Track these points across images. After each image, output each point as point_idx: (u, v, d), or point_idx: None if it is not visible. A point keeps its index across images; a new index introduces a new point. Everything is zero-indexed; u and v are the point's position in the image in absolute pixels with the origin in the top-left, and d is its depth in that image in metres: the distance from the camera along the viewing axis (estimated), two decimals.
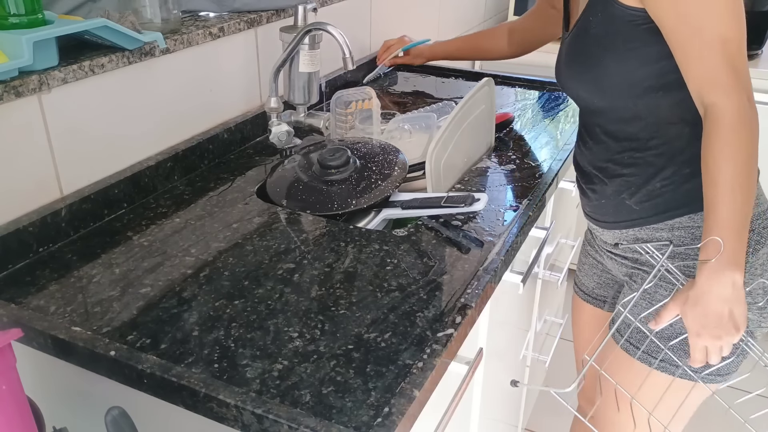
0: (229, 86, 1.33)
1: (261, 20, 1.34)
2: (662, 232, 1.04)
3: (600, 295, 1.27)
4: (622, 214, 1.08)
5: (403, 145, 1.31)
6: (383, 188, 1.13)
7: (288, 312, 0.84)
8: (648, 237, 1.06)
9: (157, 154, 1.17)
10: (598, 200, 1.11)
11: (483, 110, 1.30)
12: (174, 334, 0.80)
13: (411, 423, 0.71)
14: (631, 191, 1.05)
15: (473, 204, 1.05)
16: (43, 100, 0.96)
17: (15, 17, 0.90)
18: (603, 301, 1.27)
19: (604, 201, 1.10)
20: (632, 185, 1.05)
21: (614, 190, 1.07)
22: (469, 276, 0.92)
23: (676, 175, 1.00)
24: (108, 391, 0.81)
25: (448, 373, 0.84)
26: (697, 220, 1.01)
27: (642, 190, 1.04)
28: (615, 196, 1.07)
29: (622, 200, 1.06)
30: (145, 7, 1.11)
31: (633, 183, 1.04)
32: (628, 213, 1.07)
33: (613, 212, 1.09)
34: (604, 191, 1.09)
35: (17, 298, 0.87)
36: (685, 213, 1.01)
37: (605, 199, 1.09)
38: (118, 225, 1.05)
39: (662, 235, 1.04)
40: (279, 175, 1.20)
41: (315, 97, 1.36)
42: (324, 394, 0.71)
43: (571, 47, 1.03)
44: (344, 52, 1.21)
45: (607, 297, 1.26)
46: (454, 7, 2.29)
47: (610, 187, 1.07)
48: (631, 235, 1.08)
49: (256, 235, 1.02)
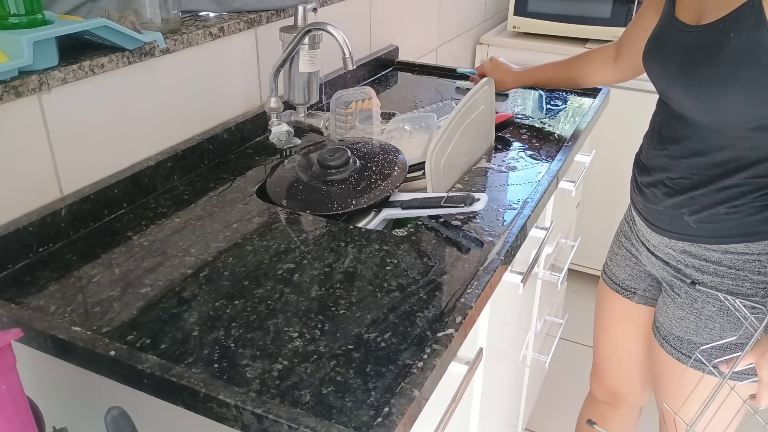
0: (229, 86, 1.33)
1: (261, 20, 1.34)
2: (714, 253, 1.03)
3: (630, 287, 1.26)
4: (677, 226, 1.07)
5: (403, 145, 1.31)
6: (383, 188, 1.13)
7: (288, 312, 0.84)
8: (698, 253, 1.05)
9: (157, 154, 1.17)
10: (655, 205, 1.09)
11: (483, 110, 1.30)
12: (174, 334, 0.80)
13: (411, 423, 0.71)
14: (693, 209, 1.03)
15: (473, 204, 1.05)
16: (43, 100, 0.96)
17: (15, 17, 0.90)
18: (633, 293, 1.26)
19: (662, 209, 1.08)
20: (696, 204, 1.03)
21: (676, 203, 1.05)
22: (469, 276, 0.92)
23: (746, 206, 0.99)
24: (108, 391, 0.81)
25: (448, 373, 0.84)
26: (753, 248, 1.00)
27: (705, 212, 1.02)
28: (675, 208, 1.06)
29: (681, 215, 1.05)
30: (145, 7, 1.11)
31: (698, 203, 1.02)
32: (684, 228, 1.05)
33: (668, 222, 1.08)
34: (666, 201, 1.07)
35: (17, 298, 0.87)
36: (742, 241, 1.01)
37: (664, 208, 1.08)
38: (118, 225, 1.05)
39: (713, 255, 1.04)
40: (279, 175, 1.20)
41: (315, 97, 1.36)
42: (324, 394, 0.71)
43: (697, 52, 0.96)
44: (344, 52, 1.21)
45: (638, 289, 1.25)
46: (454, 7, 2.29)
47: (673, 199, 1.05)
48: (680, 247, 1.08)
49: (256, 235, 1.02)
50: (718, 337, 1.06)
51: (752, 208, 0.99)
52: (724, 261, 1.03)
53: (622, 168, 2.24)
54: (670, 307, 1.12)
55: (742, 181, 0.98)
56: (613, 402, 1.41)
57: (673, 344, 1.12)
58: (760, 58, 0.88)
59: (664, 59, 1.02)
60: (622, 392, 1.38)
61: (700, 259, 1.05)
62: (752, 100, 0.91)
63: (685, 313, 1.09)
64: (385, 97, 1.68)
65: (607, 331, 1.35)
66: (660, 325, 1.15)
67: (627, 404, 1.40)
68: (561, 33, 2.33)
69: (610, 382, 1.39)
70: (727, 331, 1.05)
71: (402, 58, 1.97)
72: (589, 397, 1.49)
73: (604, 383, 1.41)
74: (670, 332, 1.12)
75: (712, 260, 1.04)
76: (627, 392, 1.38)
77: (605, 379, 1.40)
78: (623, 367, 1.35)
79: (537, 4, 2.33)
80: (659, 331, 1.15)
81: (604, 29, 2.26)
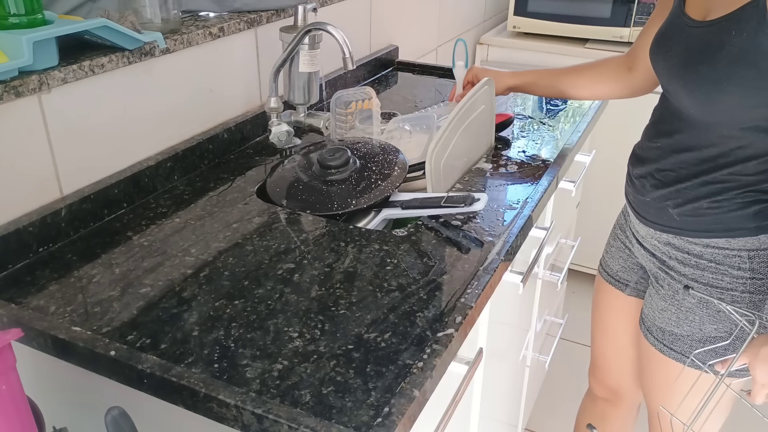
0: (229, 86, 1.33)
1: (261, 20, 1.34)
2: (696, 247, 1.05)
3: (623, 278, 1.27)
4: (662, 218, 1.08)
5: (403, 145, 1.31)
6: (383, 188, 1.13)
7: (288, 312, 0.84)
8: (681, 246, 1.06)
9: (157, 154, 1.17)
10: (644, 197, 1.11)
11: (483, 110, 1.30)
12: (174, 334, 0.80)
13: (411, 423, 0.71)
14: (678, 202, 1.04)
15: (473, 204, 1.05)
16: (43, 100, 0.96)
17: (15, 17, 0.90)
18: (625, 285, 1.27)
19: (649, 200, 1.09)
20: (681, 197, 1.04)
21: (662, 195, 1.06)
22: (469, 276, 0.92)
23: (728, 202, 1.00)
24: (108, 391, 0.81)
25: (448, 373, 0.84)
26: (733, 244, 1.01)
27: (688, 206, 1.03)
28: (660, 200, 1.07)
29: (666, 207, 1.06)
30: (145, 7, 1.11)
31: (683, 196, 1.04)
32: (668, 220, 1.07)
33: (654, 213, 1.09)
34: (653, 192, 1.08)
35: (17, 298, 0.87)
36: (723, 236, 1.02)
37: (651, 199, 1.09)
38: (118, 225, 1.05)
39: (695, 248, 1.05)
40: (279, 175, 1.20)
41: (315, 97, 1.36)
42: (324, 394, 0.71)
43: (698, 49, 0.95)
44: (344, 52, 1.21)
45: (630, 281, 1.26)
46: (454, 7, 2.29)
47: (660, 191, 1.07)
48: (665, 239, 1.09)
49: (256, 235, 1.02)
50: (698, 329, 1.07)
51: (734, 204, 0.99)
52: (705, 254, 1.04)
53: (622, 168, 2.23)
54: (654, 298, 1.14)
55: (727, 177, 0.99)
56: (612, 399, 1.42)
57: (656, 335, 1.14)
58: (760, 60, 0.88)
59: (667, 53, 1.02)
60: (619, 388, 1.39)
61: (682, 251, 1.06)
62: (749, 101, 0.91)
63: (667, 305, 1.11)
64: (385, 97, 1.68)
65: (602, 326, 1.36)
66: (645, 316, 1.17)
67: (626, 401, 1.41)
68: (561, 33, 2.33)
69: (608, 379, 1.40)
70: (707, 323, 1.06)
71: (402, 58, 1.97)
72: (588, 395, 1.49)
73: (602, 380, 1.42)
74: (653, 323, 1.14)
75: (693, 253, 1.05)
76: (624, 388, 1.38)
77: (603, 375, 1.41)
78: (619, 363, 1.36)
79: (537, 4, 2.33)
80: (644, 323, 1.17)
81: (604, 29, 2.26)
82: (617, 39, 2.26)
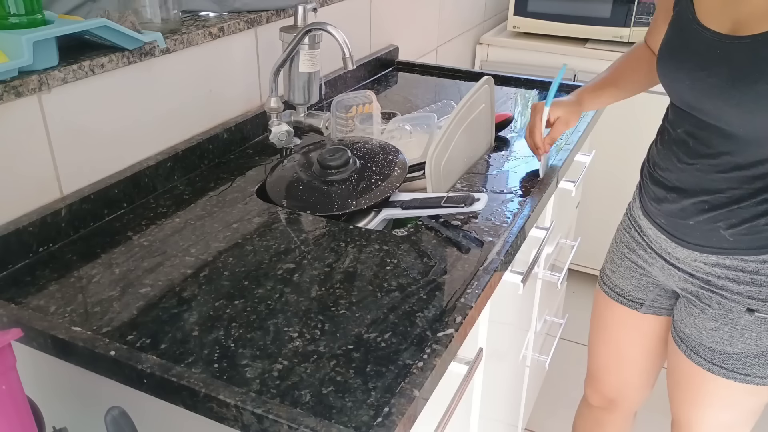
0: (229, 86, 1.33)
1: (261, 20, 1.34)
2: (752, 264, 1.02)
3: (637, 298, 1.23)
4: (711, 240, 1.04)
5: (403, 145, 1.31)
6: (383, 188, 1.13)
7: (288, 312, 0.84)
8: (733, 265, 1.03)
9: (157, 154, 1.17)
10: (684, 220, 1.05)
11: (483, 110, 1.30)
12: (174, 334, 0.80)
13: (411, 423, 0.71)
14: (731, 223, 1.00)
15: (473, 204, 1.05)
16: (43, 100, 0.96)
17: (15, 17, 0.90)
18: (640, 304, 1.24)
19: (693, 224, 1.04)
20: (735, 218, 1.00)
21: (711, 217, 1.02)
22: (469, 276, 0.92)
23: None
24: (108, 391, 0.81)
25: (448, 373, 0.84)
26: None
27: (744, 225, 1.00)
28: (708, 222, 1.02)
29: (717, 228, 1.02)
30: (145, 7, 1.11)
31: (737, 216, 1.00)
32: (719, 241, 1.03)
33: (700, 236, 1.05)
34: (698, 216, 1.03)
35: (17, 298, 0.87)
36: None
37: (695, 223, 1.04)
38: (118, 225, 1.05)
39: (750, 266, 1.02)
40: (279, 175, 1.20)
41: (315, 97, 1.36)
42: (324, 394, 0.71)
43: (751, 67, 0.91)
44: (344, 52, 1.21)
45: (645, 300, 1.23)
46: (454, 7, 2.29)
47: (709, 214, 1.02)
48: (713, 260, 1.05)
49: (256, 235, 1.02)
50: (754, 344, 1.05)
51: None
52: (762, 270, 1.01)
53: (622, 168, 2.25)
54: (699, 318, 1.10)
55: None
56: (609, 407, 1.40)
57: (704, 356, 1.10)
58: None
59: (699, 71, 0.97)
60: (618, 398, 1.37)
61: (735, 270, 1.03)
62: None
63: (718, 324, 1.07)
64: (385, 97, 1.68)
65: (607, 340, 1.33)
66: (686, 336, 1.13)
67: (623, 409, 1.39)
68: (561, 33, 2.33)
69: (608, 390, 1.38)
70: (764, 338, 1.04)
71: (402, 58, 1.97)
72: (584, 402, 1.47)
73: (601, 390, 1.39)
74: (699, 343, 1.11)
75: (748, 270, 1.02)
76: (624, 397, 1.37)
77: (603, 386, 1.39)
78: (623, 375, 1.34)
79: (537, 4, 2.33)
80: (685, 343, 1.13)
81: (604, 29, 2.27)
82: (617, 39, 2.26)
